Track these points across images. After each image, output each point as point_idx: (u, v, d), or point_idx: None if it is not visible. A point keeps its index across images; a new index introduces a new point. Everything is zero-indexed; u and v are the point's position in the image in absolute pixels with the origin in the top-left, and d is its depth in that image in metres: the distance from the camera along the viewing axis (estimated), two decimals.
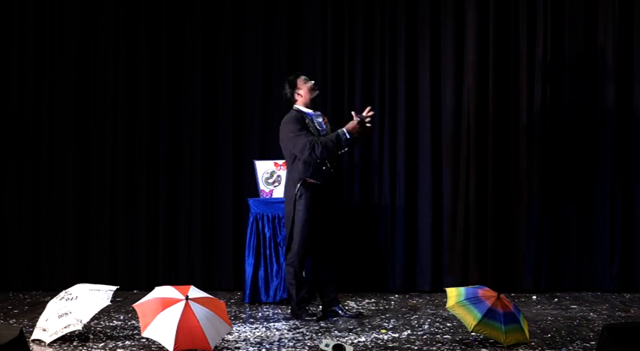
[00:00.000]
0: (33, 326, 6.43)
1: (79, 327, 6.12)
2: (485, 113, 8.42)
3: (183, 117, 8.59)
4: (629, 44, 8.45)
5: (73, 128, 8.55)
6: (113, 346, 6.08)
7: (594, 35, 8.47)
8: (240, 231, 8.39)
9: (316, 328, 6.67)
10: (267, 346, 6.07)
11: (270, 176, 8.05)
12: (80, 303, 6.16)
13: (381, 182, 8.52)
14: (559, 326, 6.76)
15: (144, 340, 6.14)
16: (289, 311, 7.20)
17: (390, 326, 6.78)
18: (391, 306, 7.73)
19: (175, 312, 5.72)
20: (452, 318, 6.89)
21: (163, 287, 5.99)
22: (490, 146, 8.41)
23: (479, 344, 6.10)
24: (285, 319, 7.06)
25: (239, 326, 6.77)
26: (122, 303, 7.72)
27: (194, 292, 5.88)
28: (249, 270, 7.88)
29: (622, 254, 8.38)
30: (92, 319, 6.66)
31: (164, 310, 5.74)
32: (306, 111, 7.08)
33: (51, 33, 8.57)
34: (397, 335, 6.43)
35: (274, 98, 8.40)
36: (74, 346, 6.08)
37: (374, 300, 7.99)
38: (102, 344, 6.13)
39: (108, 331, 6.56)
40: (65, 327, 6.09)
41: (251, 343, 6.17)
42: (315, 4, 8.56)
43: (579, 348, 6.00)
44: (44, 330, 6.17)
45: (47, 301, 6.45)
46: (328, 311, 7.13)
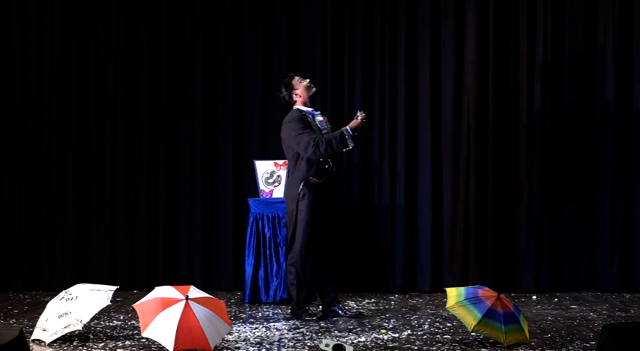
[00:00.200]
0: (33, 326, 6.43)
1: (79, 327, 6.12)
2: (485, 113, 8.42)
3: (183, 117, 8.59)
4: (629, 44, 8.45)
5: (73, 128, 8.55)
6: (113, 346, 6.08)
7: (594, 35, 8.46)
8: (240, 231, 8.39)
9: (316, 328, 6.66)
10: (267, 346, 6.07)
11: (270, 176, 8.05)
12: (80, 303, 6.16)
13: (381, 182, 8.52)
14: (559, 326, 6.76)
15: (144, 340, 6.14)
16: (289, 311, 7.20)
17: (390, 326, 6.78)
18: (391, 306, 7.73)
19: (175, 312, 5.72)
20: (452, 318, 6.89)
21: (163, 287, 5.99)
22: (490, 146, 8.41)
23: (479, 344, 6.10)
24: (285, 319, 7.06)
25: (239, 326, 6.77)
26: (122, 303, 7.72)
27: (194, 292, 5.88)
28: (249, 270, 7.88)
29: (622, 254, 8.38)
30: (92, 319, 6.66)
31: (164, 310, 5.74)
32: (306, 110, 7.08)
33: (51, 33, 8.57)
34: (397, 335, 6.43)
35: (274, 98, 8.36)
36: (74, 346, 6.08)
37: (374, 300, 7.99)
38: (102, 344, 6.13)
39: (108, 331, 6.56)
40: (65, 327, 6.09)
41: (251, 343, 6.17)
42: (315, 4, 8.56)
43: (579, 348, 6.00)
44: (44, 330, 6.17)
45: (47, 301, 6.45)
46: (328, 311, 7.13)
